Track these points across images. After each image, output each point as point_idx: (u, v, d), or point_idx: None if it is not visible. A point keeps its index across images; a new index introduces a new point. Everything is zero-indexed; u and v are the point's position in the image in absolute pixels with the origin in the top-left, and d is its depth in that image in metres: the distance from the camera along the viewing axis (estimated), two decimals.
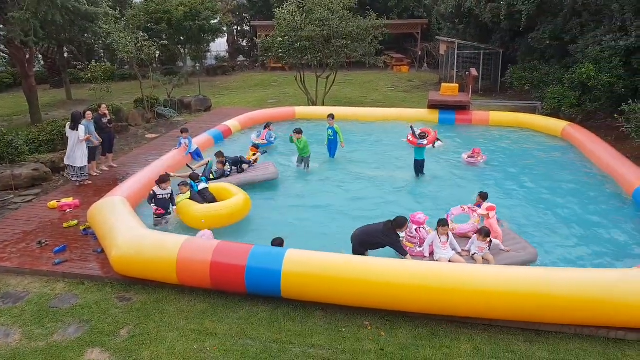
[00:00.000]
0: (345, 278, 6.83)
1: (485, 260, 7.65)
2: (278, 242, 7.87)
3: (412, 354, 6.14)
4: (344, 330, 6.61)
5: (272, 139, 14.92)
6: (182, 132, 13.48)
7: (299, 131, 12.75)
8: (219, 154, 11.83)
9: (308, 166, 12.91)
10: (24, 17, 14.90)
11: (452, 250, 7.85)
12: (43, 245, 8.81)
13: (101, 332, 6.57)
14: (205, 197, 10.06)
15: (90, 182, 12.14)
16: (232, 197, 10.00)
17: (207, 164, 11.81)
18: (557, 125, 15.87)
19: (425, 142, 11.91)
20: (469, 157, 13.33)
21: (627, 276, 6.59)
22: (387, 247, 7.72)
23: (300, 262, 7.06)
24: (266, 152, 14.04)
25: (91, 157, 12.48)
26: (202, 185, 10.33)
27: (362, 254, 7.75)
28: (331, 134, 13.56)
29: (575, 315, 6.38)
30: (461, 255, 7.82)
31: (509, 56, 24.42)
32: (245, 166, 12.04)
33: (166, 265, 7.35)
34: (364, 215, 9.69)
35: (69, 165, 11.83)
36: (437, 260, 7.56)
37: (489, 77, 25.46)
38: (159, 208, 9.41)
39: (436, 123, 17.50)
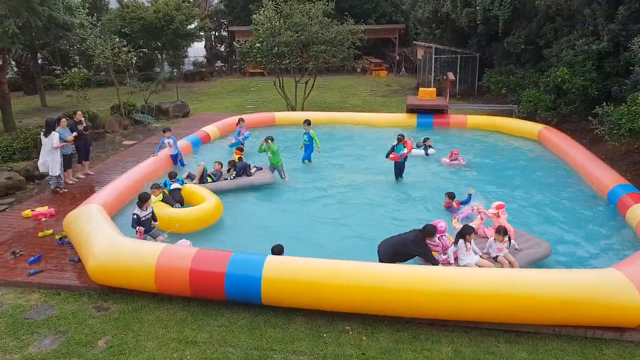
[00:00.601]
0: (326, 283, 6.81)
1: (509, 263, 7.68)
2: (278, 250, 7.76)
3: (394, 357, 6.16)
4: (325, 335, 6.59)
5: (247, 134, 15.17)
6: (164, 132, 13.38)
7: (271, 138, 12.39)
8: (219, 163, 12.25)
9: (284, 175, 12.49)
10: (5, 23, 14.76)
11: (475, 254, 7.83)
12: (17, 255, 8.62)
13: (78, 343, 6.44)
14: (174, 197, 10.24)
15: (66, 190, 11.93)
16: (203, 202, 10.08)
17: (204, 170, 11.80)
18: (533, 128, 16.12)
19: (404, 150, 12.00)
20: (451, 160, 13.46)
21: (603, 276, 6.72)
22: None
23: (280, 268, 7.02)
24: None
25: (67, 165, 12.30)
26: (174, 185, 10.59)
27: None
28: (307, 139, 13.51)
29: (553, 316, 6.47)
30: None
31: (486, 60, 24.76)
32: (253, 170, 12.38)
33: (144, 273, 7.24)
34: (349, 222, 9.85)
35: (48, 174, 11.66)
36: (463, 267, 7.48)
37: (466, 81, 25.77)
38: (140, 229, 8.57)
39: (415, 127, 17.67)
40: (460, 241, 7.66)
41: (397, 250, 7.61)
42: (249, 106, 23.80)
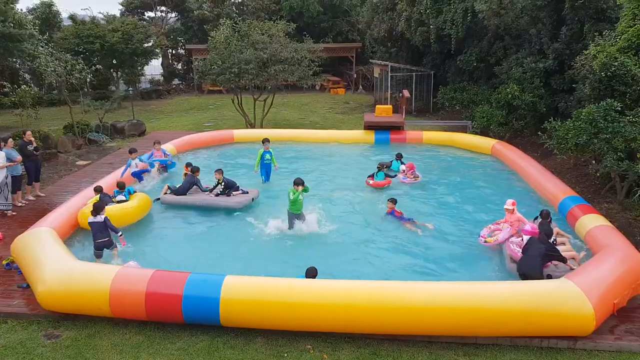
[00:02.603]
0: (285, 302, 6.77)
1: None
2: (312, 273, 7.50)
3: None
4: (286, 355, 6.53)
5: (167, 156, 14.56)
6: (130, 153, 13.15)
7: (301, 182, 9.99)
8: (220, 171, 12.04)
9: (296, 224, 10.14)
10: None
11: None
12: None
13: None
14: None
15: (14, 213, 11.47)
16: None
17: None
18: (486, 143, 16.59)
19: (382, 180, 12.79)
20: (406, 176, 13.55)
21: (555, 286, 6.94)
22: None
23: (238, 288, 6.95)
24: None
25: (16, 187, 11.85)
26: (119, 197, 10.97)
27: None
28: (269, 157, 13.30)
29: (509, 327, 6.64)
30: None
31: (440, 78, 25.40)
32: (234, 192, 11.77)
33: (98, 297, 7.02)
34: (334, 238, 9.91)
35: None
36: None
37: (421, 98, 26.35)
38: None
39: (372, 143, 17.91)
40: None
41: (546, 257, 7.86)
42: (207, 124, 23.59)
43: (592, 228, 9.16)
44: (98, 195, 10.42)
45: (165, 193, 12.10)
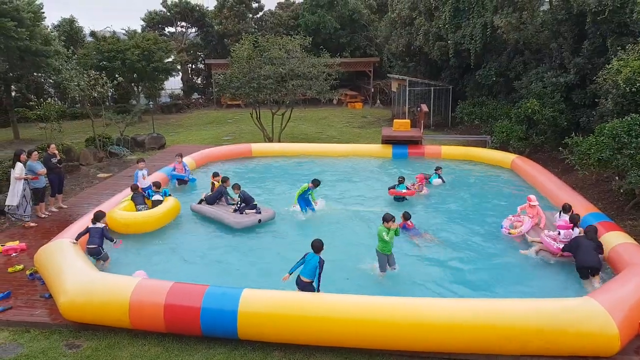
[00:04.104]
0: (303, 316, 6.76)
1: None
2: (317, 244, 7.54)
3: None
4: None
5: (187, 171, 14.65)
6: (137, 162, 13.28)
7: (391, 217, 8.71)
8: (237, 185, 12.09)
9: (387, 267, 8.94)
10: None
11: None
12: None
13: None
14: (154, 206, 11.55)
15: (35, 224, 11.67)
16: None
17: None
18: (506, 157, 16.45)
19: (404, 190, 12.68)
20: (418, 186, 13.46)
21: (578, 305, 6.78)
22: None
23: (256, 301, 6.95)
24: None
25: (39, 198, 12.07)
26: (156, 197, 11.80)
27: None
28: (310, 193, 11.94)
29: (529, 346, 6.51)
30: None
31: (459, 92, 25.36)
32: (247, 210, 11.53)
33: (118, 309, 7.09)
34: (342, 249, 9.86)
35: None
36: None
37: (439, 112, 26.30)
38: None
39: (390, 158, 17.88)
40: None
41: (599, 251, 8.66)
42: (226, 138, 23.82)
43: (615, 246, 8.97)
44: (131, 195, 11.57)
45: (201, 201, 12.30)
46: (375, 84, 35.16)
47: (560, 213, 10.40)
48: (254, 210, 11.53)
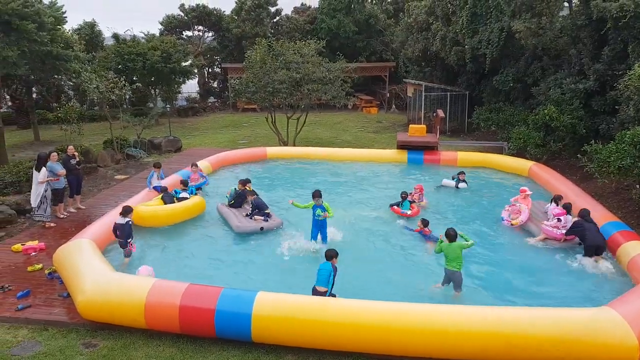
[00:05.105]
0: (318, 320, 6.76)
1: None
2: (330, 254, 7.69)
3: None
4: None
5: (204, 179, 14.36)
6: (154, 167, 13.44)
7: (454, 232, 8.42)
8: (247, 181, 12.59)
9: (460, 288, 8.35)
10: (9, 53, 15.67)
11: None
12: (6, 290, 8.48)
13: None
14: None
15: (54, 224, 11.83)
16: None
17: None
18: (523, 164, 16.25)
19: (409, 212, 12.05)
20: (418, 197, 12.93)
21: (597, 315, 6.69)
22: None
23: (270, 304, 6.97)
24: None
25: (59, 199, 12.25)
26: (183, 194, 12.40)
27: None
28: (320, 213, 10.13)
29: (546, 356, 6.42)
30: None
31: (475, 98, 25.17)
32: (256, 216, 11.50)
33: (134, 309, 7.17)
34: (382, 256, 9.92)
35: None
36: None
37: (455, 118, 26.13)
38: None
39: (405, 163, 17.79)
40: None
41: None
42: (242, 141, 23.94)
43: (635, 255, 8.84)
44: (162, 195, 12.21)
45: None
46: (391, 88, 35.08)
47: (551, 202, 11.41)
48: (262, 217, 11.51)
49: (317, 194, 10.20)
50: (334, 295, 7.49)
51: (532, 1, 16.87)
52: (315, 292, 7.45)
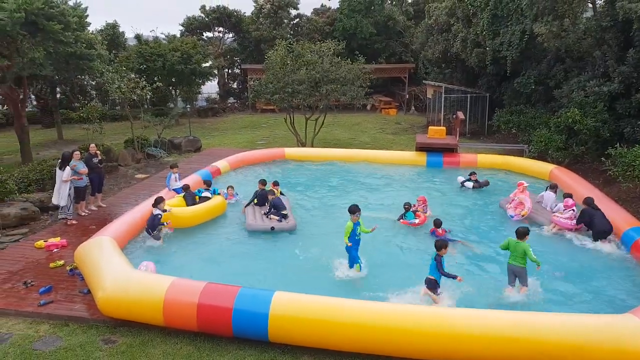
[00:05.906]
0: (335, 322, 6.74)
1: None
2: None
3: None
4: None
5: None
6: (171, 168, 13.54)
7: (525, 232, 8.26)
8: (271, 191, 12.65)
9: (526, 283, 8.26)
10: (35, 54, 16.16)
11: None
12: (29, 285, 8.65)
13: None
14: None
15: (76, 221, 12.03)
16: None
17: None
18: (544, 168, 16.02)
19: (415, 220, 11.57)
20: (422, 208, 12.29)
21: (619, 322, 6.56)
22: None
23: (287, 305, 6.98)
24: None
25: (80, 197, 12.45)
26: (206, 194, 12.62)
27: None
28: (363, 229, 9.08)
29: None
30: None
31: (496, 100, 24.90)
32: (271, 216, 11.60)
33: (153, 307, 7.24)
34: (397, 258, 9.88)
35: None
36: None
37: (476, 120, 25.90)
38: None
39: (424, 166, 17.65)
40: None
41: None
42: (260, 142, 24.06)
43: None
44: (184, 194, 12.40)
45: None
46: (410, 90, 34.91)
47: (547, 189, 12.43)
48: (277, 218, 11.54)
49: (354, 209, 8.77)
50: None
51: (555, 3, 16.61)
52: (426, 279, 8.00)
